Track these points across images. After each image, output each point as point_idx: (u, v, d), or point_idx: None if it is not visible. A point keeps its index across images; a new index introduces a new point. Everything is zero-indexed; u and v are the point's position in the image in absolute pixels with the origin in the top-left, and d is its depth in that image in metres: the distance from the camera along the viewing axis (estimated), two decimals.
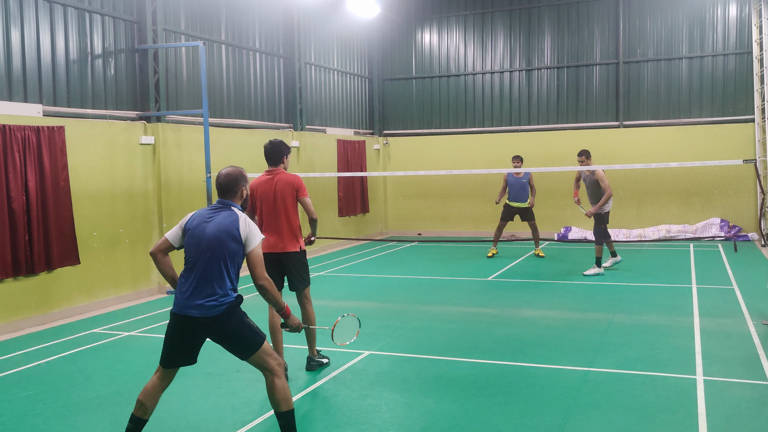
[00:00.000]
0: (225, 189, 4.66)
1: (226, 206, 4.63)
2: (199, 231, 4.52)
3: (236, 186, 4.66)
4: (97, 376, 6.73)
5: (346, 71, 17.51)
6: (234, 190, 4.66)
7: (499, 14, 18.04)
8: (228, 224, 4.49)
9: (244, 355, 4.59)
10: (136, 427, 4.59)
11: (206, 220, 4.55)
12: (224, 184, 4.66)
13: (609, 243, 11.92)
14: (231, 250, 4.47)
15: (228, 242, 4.46)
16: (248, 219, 4.58)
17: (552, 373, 6.43)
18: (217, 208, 4.62)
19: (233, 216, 4.54)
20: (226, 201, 4.65)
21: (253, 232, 4.51)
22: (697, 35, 16.29)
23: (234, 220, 4.51)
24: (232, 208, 4.62)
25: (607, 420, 5.27)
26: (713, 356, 6.80)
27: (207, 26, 12.64)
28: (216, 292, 4.45)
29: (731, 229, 15.47)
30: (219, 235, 4.47)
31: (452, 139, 18.40)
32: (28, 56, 9.24)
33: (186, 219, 4.65)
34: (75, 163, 9.66)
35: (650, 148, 16.28)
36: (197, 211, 4.70)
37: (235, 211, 4.59)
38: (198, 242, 4.49)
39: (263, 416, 5.53)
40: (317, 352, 6.79)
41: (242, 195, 4.71)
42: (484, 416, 5.43)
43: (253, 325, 4.64)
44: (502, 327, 8.34)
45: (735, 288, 10.12)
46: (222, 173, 4.70)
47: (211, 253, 4.46)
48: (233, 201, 4.67)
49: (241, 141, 13.27)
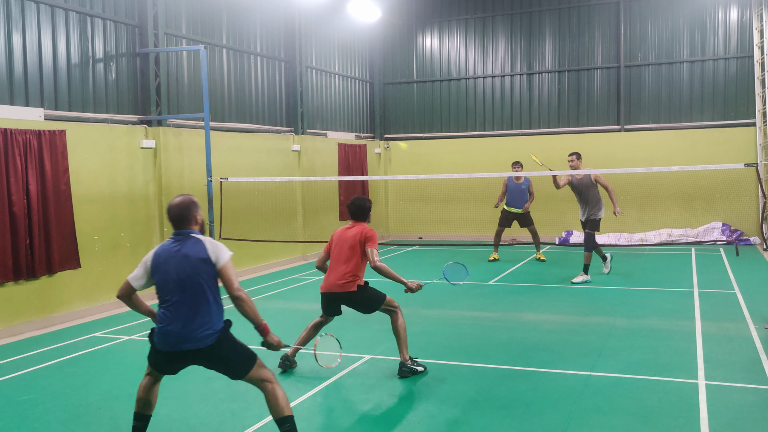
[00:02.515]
0: (180, 219, 4.58)
1: (186, 236, 4.56)
2: (170, 268, 4.46)
3: (190, 214, 4.59)
4: (98, 379, 6.72)
5: (347, 75, 17.53)
6: (189, 218, 4.59)
7: (500, 18, 18.06)
8: (196, 252, 4.46)
9: (240, 375, 4.57)
10: (141, 424, 4.66)
11: (173, 255, 4.49)
12: (178, 215, 4.58)
13: (598, 249, 11.75)
14: (208, 277, 4.45)
15: (203, 270, 4.43)
16: (212, 240, 4.56)
17: (553, 378, 6.42)
18: (178, 240, 4.55)
19: (198, 243, 4.51)
20: (184, 231, 4.58)
21: (220, 250, 4.50)
22: (698, 39, 16.29)
23: (200, 247, 4.49)
24: (193, 235, 4.56)
25: (609, 424, 5.25)
26: (715, 360, 6.77)
27: (208, 30, 12.65)
28: (206, 321, 4.44)
29: (733, 233, 15.45)
30: (193, 266, 4.43)
31: (453, 142, 18.40)
32: (30, 60, 9.25)
33: (149, 259, 4.58)
34: (76, 166, 9.66)
35: (651, 152, 16.27)
36: (158, 248, 4.62)
37: (198, 238, 4.55)
38: (174, 279, 4.44)
39: (263, 421, 5.51)
40: (410, 358, 6.62)
41: (197, 221, 4.63)
42: (485, 420, 5.41)
43: (244, 345, 4.63)
44: (503, 331, 8.33)
45: (737, 292, 10.10)
46: (173, 204, 4.60)
47: (191, 287, 4.42)
48: (191, 228, 4.60)
49: (242, 145, 13.27)
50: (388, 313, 6.66)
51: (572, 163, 11.34)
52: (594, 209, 11.22)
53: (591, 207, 11.24)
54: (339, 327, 8.54)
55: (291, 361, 6.83)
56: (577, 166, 11.35)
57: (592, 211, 11.24)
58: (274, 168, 14.11)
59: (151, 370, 4.72)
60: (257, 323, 4.53)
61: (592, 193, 11.21)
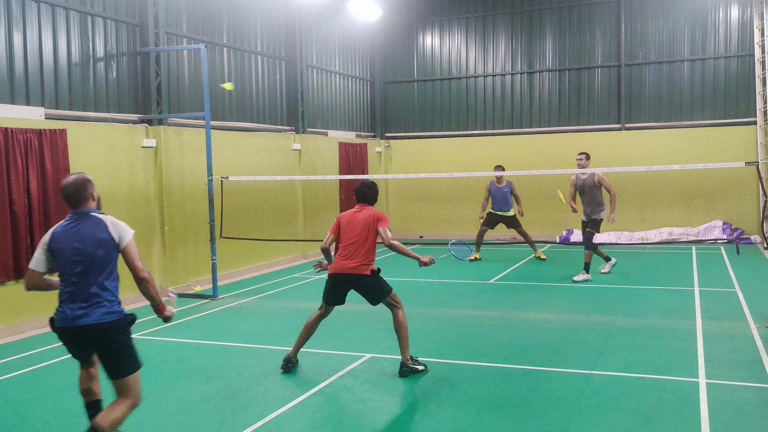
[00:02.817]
0: (76, 198, 4.50)
1: (85, 215, 4.50)
2: (69, 247, 4.42)
3: (85, 192, 4.52)
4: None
5: (347, 74, 17.52)
6: (84, 196, 4.51)
7: (500, 17, 18.05)
8: (97, 231, 4.43)
9: (123, 374, 4.50)
10: (94, 411, 4.77)
11: (72, 234, 4.44)
12: (73, 194, 4.49)
13: (599, 251, 11.86)
14: (108, 256, 4.45)
15: (103, 249, 4.42)
16: (113, 218, 4.52)
17: (554, 376, 6.42)
18: (76, 220, 4.49)
19: (99, 222, 4.47)
20: (81, 210, 4.51)
21: (123, 230, 4.49)
22: (698, 38, 16.28)
23: (101, 226, 4.46)
24: (92, 214, 4.52)
25: (610, 423, 5.25)
26: (716, 359, 6.78)
27: (209, 29, 12.65)
28: (104, 300, 4.43)
29: (733, 232, 15.44)
30: (92, 245, 4.40)
31: (454, 141, 18.41)
32: (31, 59, 9.25)
33: (46, 240, 4.51)
34: (77, 166, 9.65)
35: (652, 151, 16.27)
36: (55, 228, 4.55)
37: (98, 217, 4.50)
38: (73, 258, 4.40)
39: (264, 419, 5.52)
40: (411, 357, 6.64)
41: (94, 197, 4.57)
42: (486, 419, 5.41)
43: (135, 349, 4.60)
44: (504, 330, 8.33)
45: (737, 291, 10.10)
46: (67, 183, 4.51)
47: (90, 266, 4.39)
48: (89, 207, 4.54)
49: (243, 144, 13.28)
50: (391, 308, 6.66)
51: (581, 162, 11.50)
52: (596, 210, 11.40)
53: (594, 207, 11.40)
54: (339, 325, 8.55)
55: (293, 361, 6.82)
56: (585, 165, 11.51)
57: (594, 212, 11.41)
58: (274, 167, 14.11)
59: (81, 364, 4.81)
60: (156, 302, 4.63)
61: (595, 194, 11.36)
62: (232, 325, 8.96)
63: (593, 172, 11.22)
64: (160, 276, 11.17)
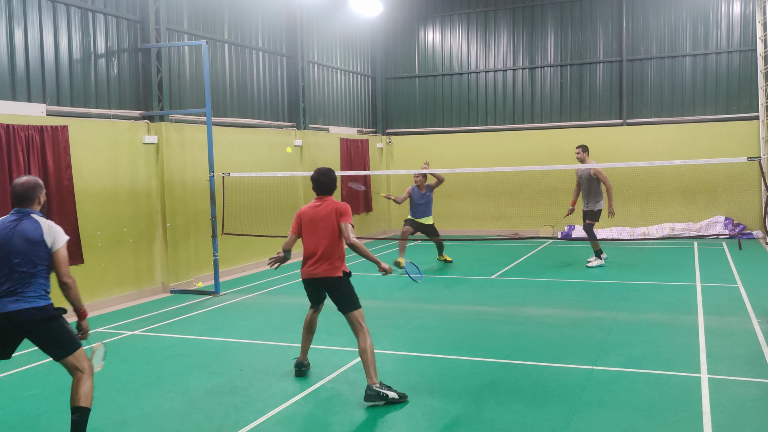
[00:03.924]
0: (24, 198, 4.74)
1: (26, 215, 4.72)
2: (4, 241, 4.62)
3: (34, 194, 4.76)
4: (101, 374, 6.71)
5: (349, 70, 17.51)
6: (32, 198, 4.76)
7: (502, 12, 18.02)
8: (32, 232, 4.64)
9: (60, 356, 4.76)
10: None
11: (9, 230, 4.65)
12: (22, 193, 4.73)
13: (593, 242, 12.05)
14: (39, 256, 4.64)
15: (36, 249, 4.62)
16: (51, 223, 4.73)
17: (556, 372, 6.42)
18: (17, 219, 4.70)
19: (35, 224, 4.69)
20: (24, 209, 4.74)
21: (58, 234, 4.70)
22: (701, 32, 16.24)
23: (37, 228, 4.66)
24: (32, 215, 4.73)
25: (612, 418, 5.26)
26: (718, 354, 6.78)
27: (210, 25, 12.64)
28: (34, 293, 4.63)
29: (735, 227, 15.43)
30: (25, 244, 4.61)
31: (455, 137, 18.39)
32: (32, 56, 9.25)
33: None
34: (78, 162, 9.67)
35: (654, 146, 16.25)
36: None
37: (37, 219, 4.72)
38: (8, 251, 4.60)
39: (266, 415, 5.53)
40: (380, 383, 5.75)
41: (40, 201, 4.81)
42: (488, 415, 5.42)
43: (72, 333, 4.80)
44: (505, 325, 8.33)
45: (739, 286, 10.10)
46: (18, 182, 4.76)
47: (21, 260, 4.59)
48: (32, 208, 4.76)
49: (245, 140, 13.28)
50: (356, 328, 5.93)
51: (579, 155, 11.93)
52: (593, 201, 11.83)
53: (591, 198, 11.85)
54: (341, 321, 8.53)
55: (305, 364, 6.58)
56: (584, 158, 11.88)
57: (591, 202, 11.85)
58: (276, 163, 14.11)
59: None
60: (78, 307, 4.80)
61: (592, 185, 11.80)
62: (234, 322, 8.97)
63: (589, 167, 11.47)
64: (163, 273, 11.19)
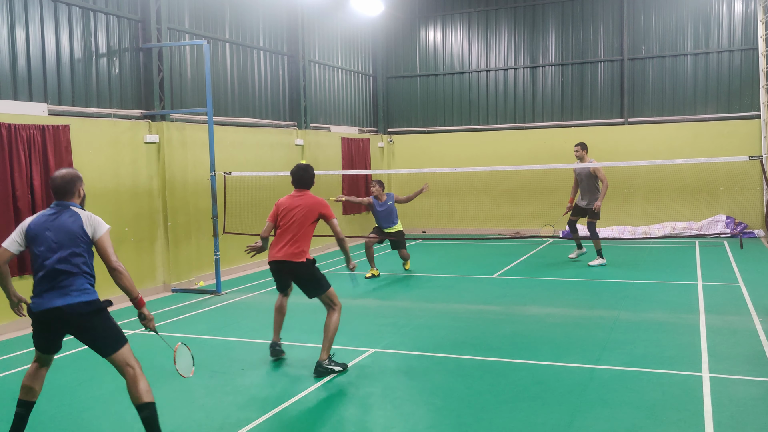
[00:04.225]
0: (63, 191, 4.74)
1: (65, 207, 4.72)
2: (45, 236, 4.62)
3: (74, 187, 4.77)
4: (103, 374, 6.74)
5: (350, 69, 17.50)
6: (72, 191, 4.76)
7: (503, 11, 18.01)
8: (72, 223, 4.63)
9: (108, 352, 4.69)
10: (24, 410, 4.81)
11: (50, 223, 4.65)
12: (61, 186, 4.74)
13: (576, 237, 12.42)
14: (81, 248, 4.63)
15: (77, 241, 4.61)
16: (90, 213, 4.72)
17: (558, 371, 6.42)
18: (56, 211, 4.70)
19: (75, 215, 4.67)
20: (64, 202, 4.74)
21: (98, 223, 4.68)
22: (702, 31, 16.23)
23: (77, 219, 4.65)
24: (72, 207, 4.73)
25: (614, 417, 5.26)
26: (719, 353, 6.77)
27: (211, 25, 12.64)
28: (79, 288, 4.60)
29: (737, 226, 15.42)
30: (67, 236, 4.60)
31: (456, 136, 18.39)
32: (33, 55, 9.25)
33: (25, 225, 4.74)
34: (80, 161, 9.67)
35: (655, 145, 16.24)
36: (35, 216, 4.76)
37: (75, 211, 4.71)
38: (48, 246, 4.60)
39: (268, 414, 5.53)
40: (329, 358, 6.45)
41: (80, 194, 4.81)
42: (490, 414, 5.42)
43: (118, 327, 4.76)
44: (507, 324, 8.33)
45: (741, 285, 10.09)
46: (58, 175, 4.76)
47: (63, 254, 4.58)
48: (72, 201, 4.77)
49: (246, 139, 13.28)
50: (328, 306, 6.57)
51: (577, 153, 12.03)
52: (593, 198, 11.89)
53: (590, 195, 11.93)
54: (343, 320, 8.55)
55: (279, 344, 6.94)
56: (582, 156, 11.98)
57: (591, 201, 11.90)
58: (277, 162, 14.11)
59: (37, 355, 4.86)
60: (134, 296, 4.69)
61: (591, 183, 11.91)
62: (236, 321, 8.97)
63: (588, 166, 11.59)
64: (164, 272, 11.19)
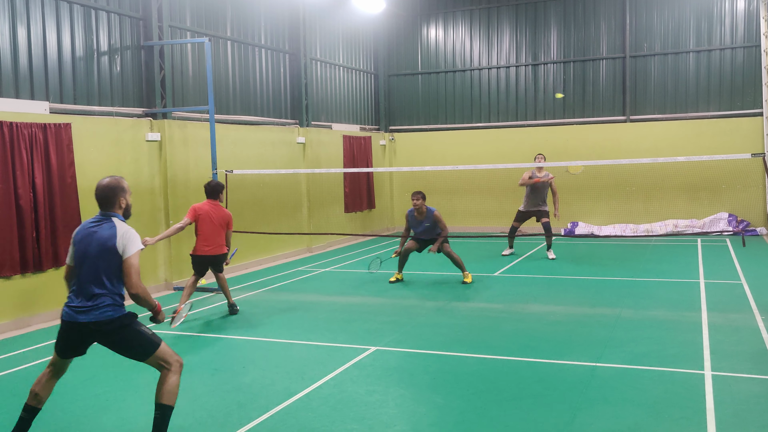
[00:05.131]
0: (104, 201, 4.69)
1: (107, 218, 4.67)
2: (83, 245, 4.62)
3: (115, 197, 4.68)
4: (105, 372, 6.75)
5: (351, 67, 17.49)
6: (113, 201, 4.68)
7: (505, 9, 17.98)
8: (107, 237, 4.56)
9: (142, 358, 4.68)
10: (30, 416, 4.75)
11: (89, 234, 4.62)
12: (103, 196, 4.67)
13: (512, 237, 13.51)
14: (112, 262, 4.56)
15: (108, 255, 4.54)
16: (128, 230, 4.62)
17: (560, 369, 6.42)
18: (99, 221, 4.66)
19: (112, 229, 4.59)
20: (107, 213, 4.69)
21: (130, 242, 4.57)
22: (704, 29, 16.19)
23: (112, 234, 4.57)
24: (113, 219, 4.66)
25: (616, 415, 5.25)
26: (721, 351, 6.77)
27: (212, 22, 12.64)
28: (104, 302, 4.53)
29: (739, 224, 15.40)
30: (99, 249, 4.55)
31: (458, 134, 18.37)
32: (35, 54, 9.25)
33: (74, 234, 4.75)
34: (81, 160, 9.68)
35: (657, 143, 16.21)
36: (81, 224, 4.77)
37: (114, 223, 4.63)
38: (84, 255, 4.59)
39: (269, 412, 5.53)
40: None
41: (121, 205, 4.72)
42: (492, 412, 5.42)
43: (147, 333, 4.70)
44: (509, 322, 8.33)
45: (743, 283, 10.08)
46: (101, 185, 4.69)
47: (95, 267, 4.54)
48: (114, 212, 4.70)
49: (247, 137, 13.28)
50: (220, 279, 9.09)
51: (540, 159, 13.21)
52: (543, 203, 13.23)
53: (541, 201, 13.19)
54: (344, 319, 8.57)
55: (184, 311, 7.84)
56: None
57: (540, 204, 13.18)
58: (279, 160, 14.11)
59: (54, 359, 4.82)
60: (151, 306, 4.71)
61: (546, 191, 13.24)
62: (237, 319, 8.98)
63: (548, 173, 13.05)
64: (166, 270, 11.20)
